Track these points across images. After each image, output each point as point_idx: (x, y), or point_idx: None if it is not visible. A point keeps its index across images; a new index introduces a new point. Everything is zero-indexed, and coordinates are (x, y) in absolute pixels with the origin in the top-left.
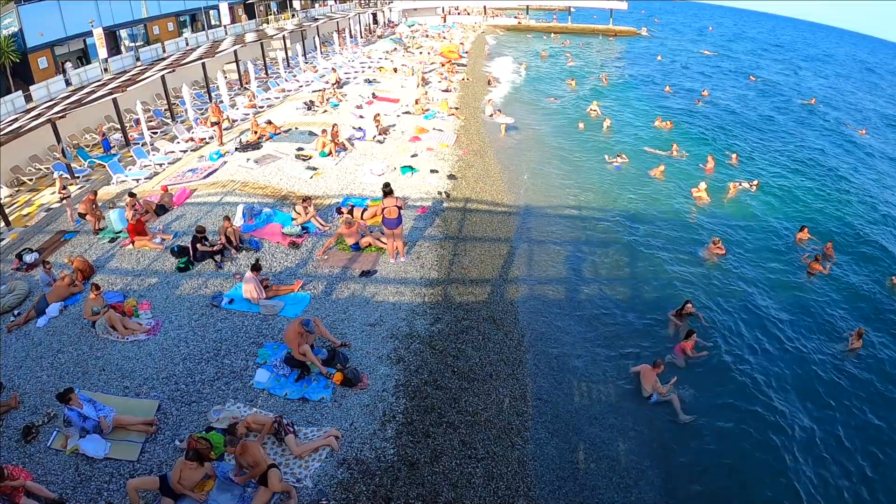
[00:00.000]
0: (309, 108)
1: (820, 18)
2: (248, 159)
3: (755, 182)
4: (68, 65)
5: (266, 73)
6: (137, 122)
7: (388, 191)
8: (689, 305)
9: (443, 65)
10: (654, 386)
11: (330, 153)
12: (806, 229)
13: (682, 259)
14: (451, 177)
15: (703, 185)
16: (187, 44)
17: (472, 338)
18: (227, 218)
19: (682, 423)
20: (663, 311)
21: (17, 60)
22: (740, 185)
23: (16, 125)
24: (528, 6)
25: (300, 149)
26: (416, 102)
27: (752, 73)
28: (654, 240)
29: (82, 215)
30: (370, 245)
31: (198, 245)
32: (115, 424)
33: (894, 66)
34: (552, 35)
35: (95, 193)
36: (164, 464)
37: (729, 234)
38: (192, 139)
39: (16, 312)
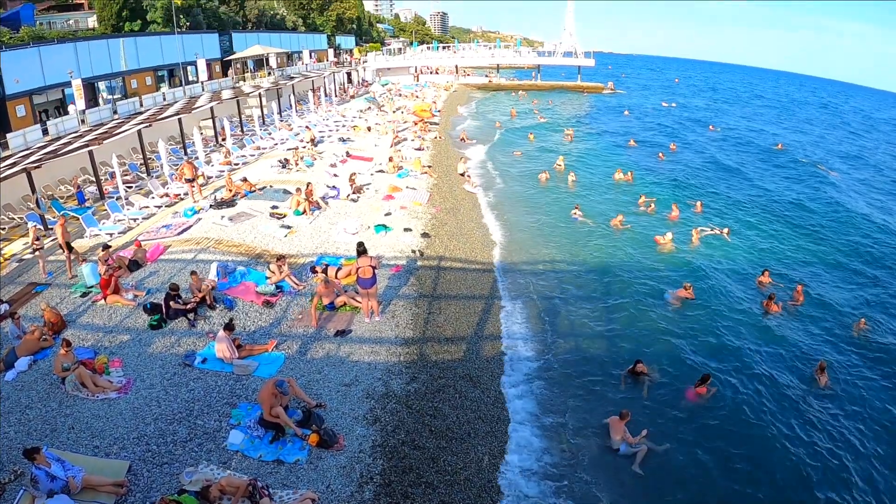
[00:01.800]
0: (284, 166)
1: (758, 63)
2: (222, 216)
3: (726, 230)
4: (71, 107)
5: (242, 131)
6: (113, 175)
7: (362, 250)
8: (640, 365)
9: (416, 123)
10: (624, 436)
11: (304, 211)
12: (767, 272)
13: (650, 307)
14: (424, 235)
15: (668, 235)
16: (164, 99)
17: (448, 396)
18: (193, 273)
19: (635, 473)
20: (643, 359)
21: None
22: (710, 230)
23: None
24: (498, 65)
25: (275, 207)
26: (390, 160)
27: (711, 123)
28: (624, 289)
29: (67, 246)
30: (345, 304)
31: (171, 303)
32: (84, 485)
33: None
34: (519, 93)
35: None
36: None
37: (694, 279)
38: (166, 195)
39: None
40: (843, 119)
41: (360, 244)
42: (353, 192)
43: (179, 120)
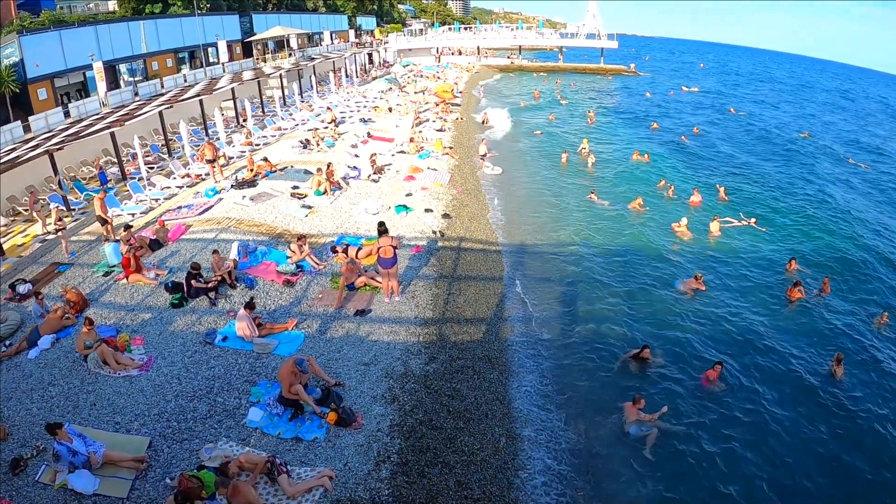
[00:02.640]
0: (304, 147)
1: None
2: (243, 196)
3: (753, 219)
4: (100, 87)
5: (263, 111)
6: (134, 156)
7: (383, 230)
8: (647, 351)
9: (437, 104)
10: (639, 417)
11: (325, 192)
12: (794, 261)
13: (664, 295)
14: (445, 216)
15: (683, 221)
16: (185, 80)
17: (467, 377)
18: (215, 252)
19: (646, 458)
20: (651, 346)
21: (17, 90)
22: (737, 222)
23: (13, 155)
24: (520, 46)
25: (295, 187)
26: (411, 141)
27: (732, 107)
28: (641, 274)
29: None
30: (365, 284)
31: (192, 281)
32: (105, 460)
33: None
34: (541, 74)
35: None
36: (153, 502)
37: (714, 267)
38: (188, 175)
39: (7, 343)
40: (863, 107)
41: (381, 224)
42: (374, 173)
43: (200, 101)
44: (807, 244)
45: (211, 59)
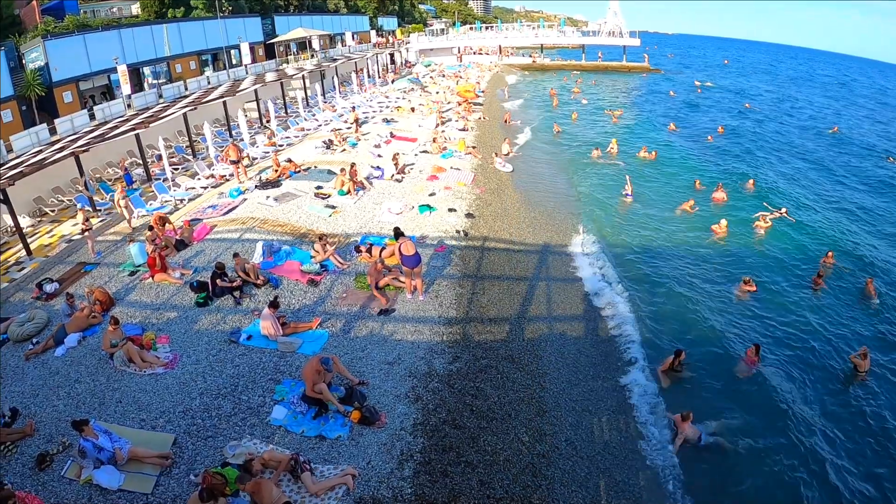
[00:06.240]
0: (328, 147)
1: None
2: (267, 196)
3: (783, 210)
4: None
5: (286, 112)
6: (159, 157)
7: (398, 233)
8: (682, 356)
9: (459, 104)
10: (690, 433)
11: (349, 192)
12: (831, 254)
13: (704, 295)
14: (468, 215)
15: (723, 223)
16: (209, 82)
17: (490, 377)
18: (236, 255)
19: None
20: (686, 351)
21: (43, 94)
22: (771, 215)
23: (40, 157)
24: (542, 45)
25: (319, 187)
26: (434, 141)
27: (748, 101)
28: (676, 276)
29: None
30: (388, 284)
31: (217, 281)
32: (130, 456)
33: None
34: (562, 72)
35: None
36: (178, 498)
37: (755, 267)
38: (212, 176)
39: (34, 341)
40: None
41: (396, 229)
42: (398, 173)
43: (224, 103)
44: (842, 241)
45: (234, 61)
